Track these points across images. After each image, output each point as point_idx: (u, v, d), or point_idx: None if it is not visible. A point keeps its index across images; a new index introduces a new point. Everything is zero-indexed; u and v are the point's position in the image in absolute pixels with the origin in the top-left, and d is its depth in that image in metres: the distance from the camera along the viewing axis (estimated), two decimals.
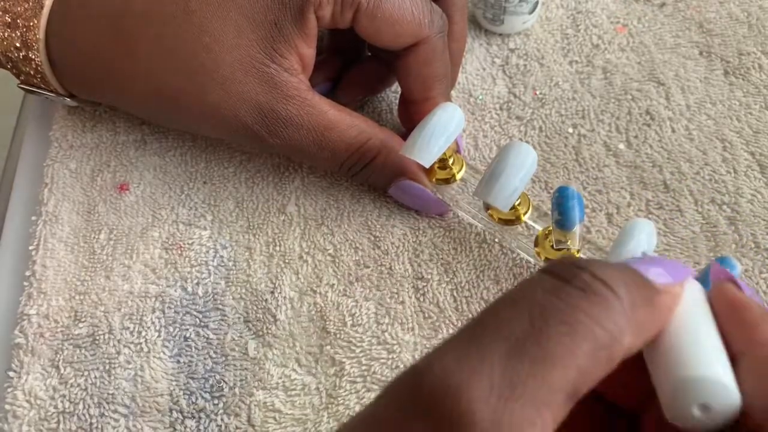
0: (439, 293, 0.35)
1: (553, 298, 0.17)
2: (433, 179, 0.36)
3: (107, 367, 0.34)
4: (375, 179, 0.37)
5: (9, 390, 0.33)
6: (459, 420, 0.15)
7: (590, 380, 0.17)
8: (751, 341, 0.18)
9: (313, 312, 0.35)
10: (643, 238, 0.30)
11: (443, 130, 0.33)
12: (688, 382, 0.17)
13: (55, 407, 0.33)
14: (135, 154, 0.41)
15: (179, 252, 0.37)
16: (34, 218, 0.38)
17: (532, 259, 0.35)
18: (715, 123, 0.39)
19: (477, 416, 0.15)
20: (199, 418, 0.32)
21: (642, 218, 0.32)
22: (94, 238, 0.38)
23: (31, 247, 0.37)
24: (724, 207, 0.36)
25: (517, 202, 0.34)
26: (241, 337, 0.34)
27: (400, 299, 0.35)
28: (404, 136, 0.35)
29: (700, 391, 0.17)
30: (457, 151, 0.37)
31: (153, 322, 0.35)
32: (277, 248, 0.37)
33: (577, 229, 0.32)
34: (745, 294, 0.19)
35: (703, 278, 0.28)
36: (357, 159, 0.36)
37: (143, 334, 0.34)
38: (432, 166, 0.35)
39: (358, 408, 0.32)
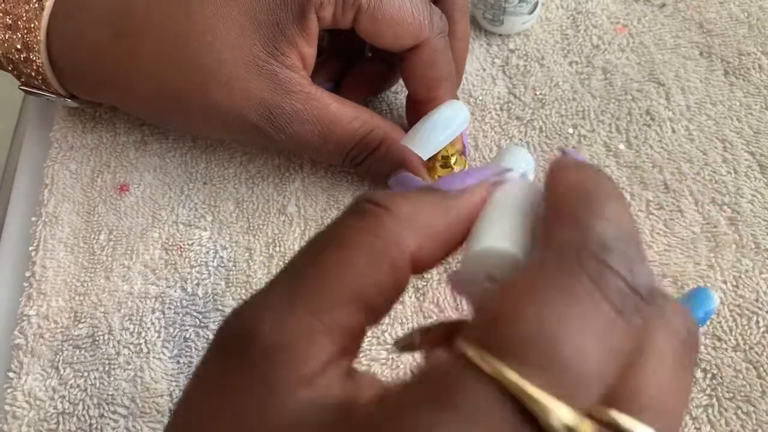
0: (439, 293, 0.35)
1: (333, 226, 0.19)
2: (435, 176, 0.36)
3: (107, 368, 0.33)
4: (377, 169, 0.37)
5: (9, 391, 0.33)
6: (246, 336, 0.18)
7: (379, 286, 0.19)
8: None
9: None
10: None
11: (445, 125, 0.33)
12: (475, 254, 0.19)
13: (55, 408, 0.33)
14: (135, 155, 0.41)
15: (179, 253, 0.37)
16: (34, 219, 0.38)
17: None
18: (716, 123, 0.39)
19: (261, 329, 0.17)
20: None
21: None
22: (94, 238, 0.38)
23: (31, 248, 0.37)
24: (725, 207, 0.36)
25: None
26: None
27: (400, 299, 0.35)
28: (408, 130, 0.35)
29: (485, 262, 0.19)
30: (462, 152, 0.37)
31: (153, 323, 0.35)
32: (277, 249, 0.37)
33: None
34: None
35: (685, 300, 0.30)
36: (361, 149, 0.36)
37: (143, 334, 0.34)
38: (434, 164, 0.35)
39: None
